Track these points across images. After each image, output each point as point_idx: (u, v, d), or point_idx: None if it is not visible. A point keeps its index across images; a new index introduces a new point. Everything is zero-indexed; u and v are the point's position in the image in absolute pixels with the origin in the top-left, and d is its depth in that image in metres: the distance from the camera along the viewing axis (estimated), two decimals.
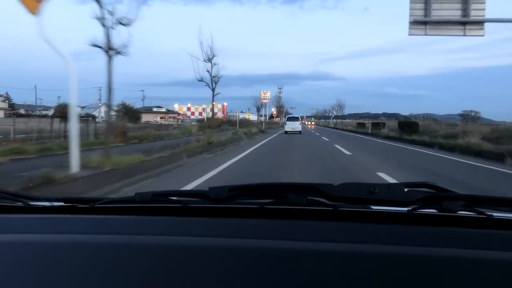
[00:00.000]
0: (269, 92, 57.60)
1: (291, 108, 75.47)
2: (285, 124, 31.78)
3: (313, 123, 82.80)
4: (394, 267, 0.68)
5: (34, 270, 0.70)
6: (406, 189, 0.92)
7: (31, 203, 1.06)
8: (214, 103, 17.67)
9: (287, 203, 0.92)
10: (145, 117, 58.30)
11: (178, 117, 68.80)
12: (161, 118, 67.04)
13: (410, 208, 0.89)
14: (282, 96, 66.23)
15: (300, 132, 29.57)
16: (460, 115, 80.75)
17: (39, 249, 0.77)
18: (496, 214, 0.88)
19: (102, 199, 1.06)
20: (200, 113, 71.62)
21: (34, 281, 0.67)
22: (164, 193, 1.05)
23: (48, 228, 0.89)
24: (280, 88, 65.31)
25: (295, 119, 31.92)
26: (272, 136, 24.89)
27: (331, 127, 58.17)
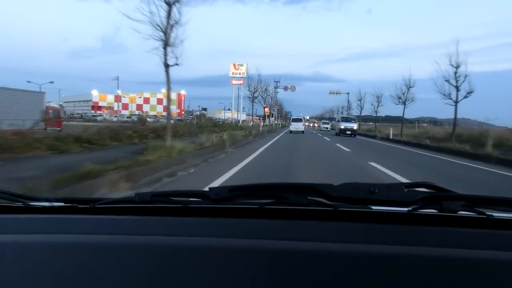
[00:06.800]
0: (245, 65, 33.89)
1: (285, 88, 54.80)
2: (290, 124, 35.00)
3: None
4: (394, 267, 0.68)
5: (34, 270, 0.70)
6: (406, 189, 0.91)
7: (31, 203, 1.06)
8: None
9: (287, 203, 0.92)
10: None
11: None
12: None
13: (410, 208, 0.89)
14: (278, 92, 52.11)
15: (303, 131, 32.22)
16: None
17: (39, 250, 0.77)
18: (496, 214, 0.88)
19: (102, 199, 1.06)
20: (126, 105, 50.18)
21: (34, 282, 0.67)
22: (164, 193, 1.05)
23: (48, 229, 0.89)
24: (276, 82, 50.28)
25: (299, 120, 35.00)
26: None
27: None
